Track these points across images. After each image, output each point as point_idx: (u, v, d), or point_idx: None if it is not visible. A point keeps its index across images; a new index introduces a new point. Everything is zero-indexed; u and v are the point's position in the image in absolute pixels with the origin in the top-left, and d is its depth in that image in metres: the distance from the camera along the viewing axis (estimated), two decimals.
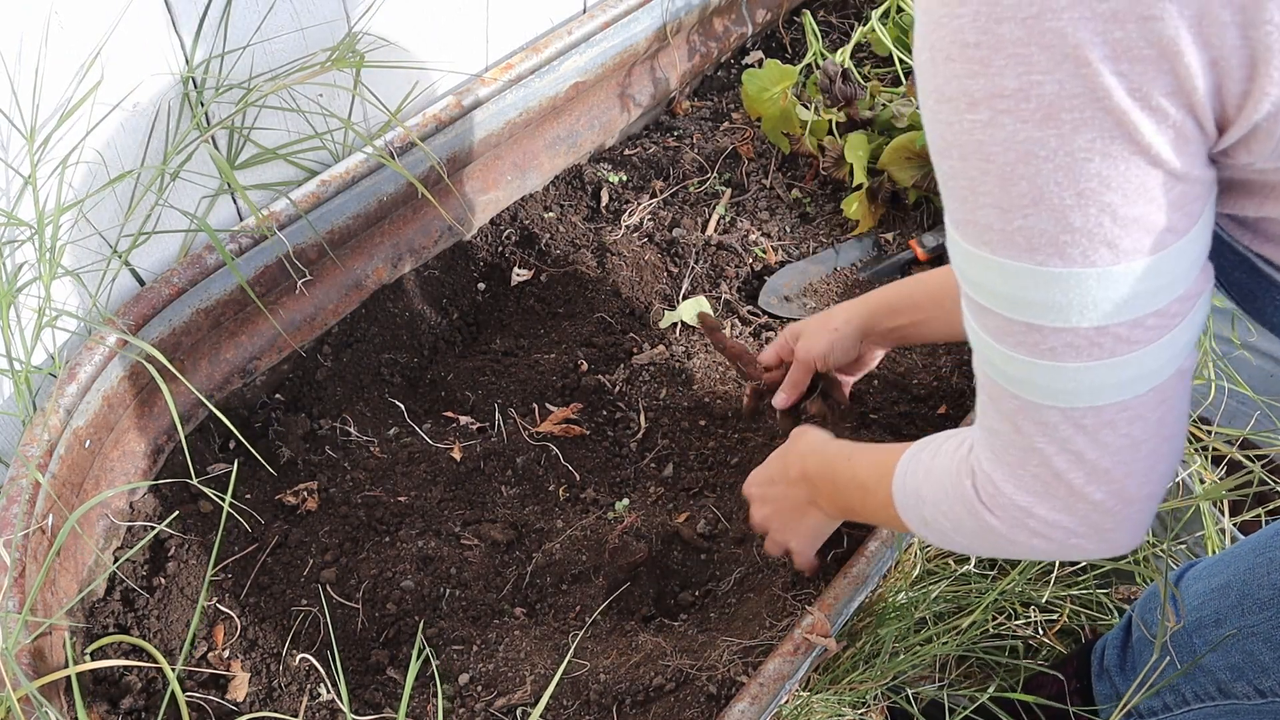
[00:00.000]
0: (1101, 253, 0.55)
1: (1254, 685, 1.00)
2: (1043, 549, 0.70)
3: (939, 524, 0.78)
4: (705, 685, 1.07)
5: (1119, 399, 0.60)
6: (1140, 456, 0.64)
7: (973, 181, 0.56)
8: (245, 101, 1.22)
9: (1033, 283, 0.57)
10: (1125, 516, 0.66)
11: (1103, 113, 0.51)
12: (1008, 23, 0.51)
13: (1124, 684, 1.17)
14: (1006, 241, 0.56)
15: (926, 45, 0.55)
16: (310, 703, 1.10)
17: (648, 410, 1.37)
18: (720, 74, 1.94)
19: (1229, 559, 1.06)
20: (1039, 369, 0.60)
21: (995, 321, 0.61)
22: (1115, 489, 0.64)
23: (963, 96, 0.54)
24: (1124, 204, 0.54)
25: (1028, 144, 0.53)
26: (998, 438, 0.67)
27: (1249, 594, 1.00)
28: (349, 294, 1.45)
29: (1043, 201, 0.54)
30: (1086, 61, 0.50)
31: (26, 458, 1.05)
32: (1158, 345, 0.59)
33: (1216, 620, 1.03)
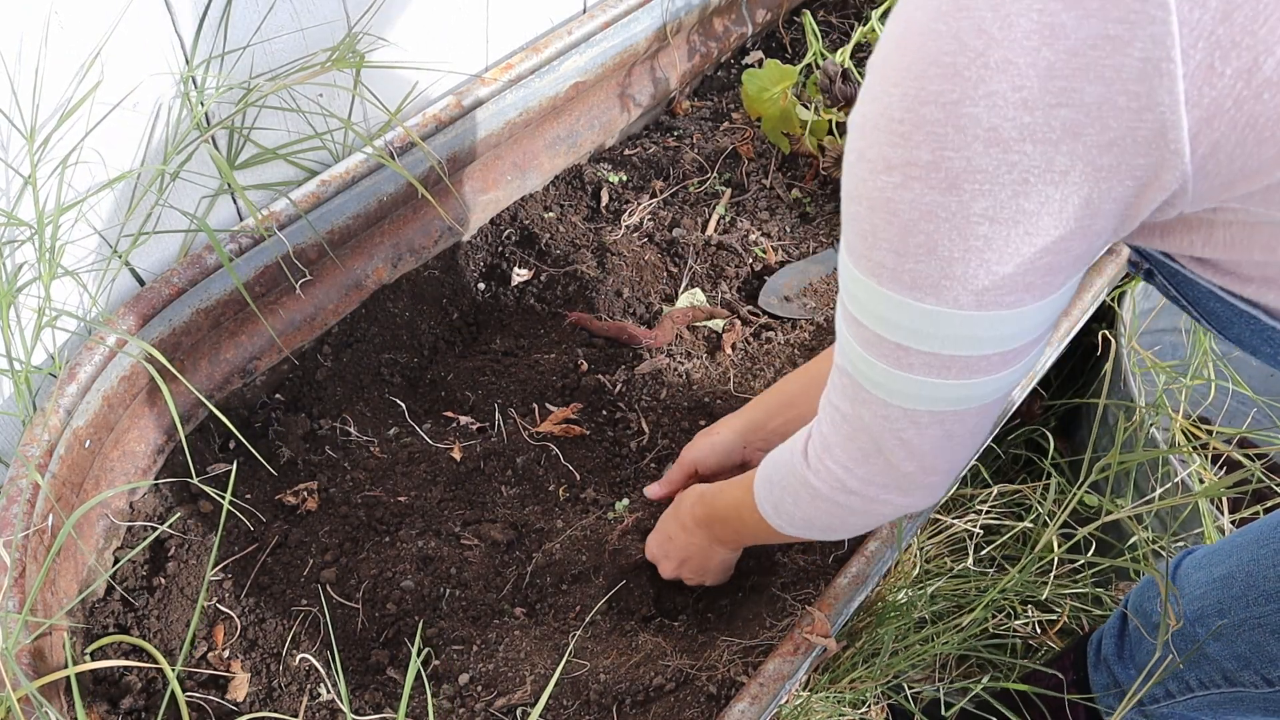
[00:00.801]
0: (967, 299, 0.65)
1: (1261, 675, 1.01)
2: (852, 506, 0.85)
3: (783, 503, 0.93)
4: (705, 685, 1.08)
5: (954, 409, 0.73)
6: (951, 447, 0.78)
7: (875, 228, 0.65)
8: (245, 101, 1.22)
9: (909, 313, 0.67)
10: (926, 484, 0.82)
11: (999, 187, 0.59)
12: (930, 105, 0.58)
13: (1122, 672, 1.18)
14: (894, 278, 0.66)
15: (859, 110, 0.64)
16: (310, 703, 1.10)
17: (648, 410, 1.37)
18: (720, 74, 1.94)
19: (1230, 549, 1.06)
20: (896, 377, 0.72)
21: (868, 335, 0.71)
22: (925, 465, 0.79)
23: (881, 160, 0.62)
24: (998, 263, 0.62)
25: (931, 206, 0.61)
26: (840, 414, 0.80)
27: (1254, 585, 1.01)
28: (349, 294, 1.45)
29: (935, 253, 0.63)
30: (994, 142, 0.57)
31: (26, 458, 1.05)
32: (997, 376, 0.71)
33: (1220, 611, 1.03)
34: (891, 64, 0.61)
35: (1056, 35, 0.54)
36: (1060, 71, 0.55)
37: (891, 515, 0.87)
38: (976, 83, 0.56)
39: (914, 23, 0.59)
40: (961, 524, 1.36)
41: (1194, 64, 0.53)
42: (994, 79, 0.56)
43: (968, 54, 0.56)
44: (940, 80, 0.58)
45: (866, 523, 0.91)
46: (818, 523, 0.92)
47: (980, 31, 0.56)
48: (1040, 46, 0.55)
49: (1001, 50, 0.55)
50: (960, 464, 0.83)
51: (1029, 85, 0.56)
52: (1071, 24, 0.54)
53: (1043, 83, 0.55)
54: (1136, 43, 0.53)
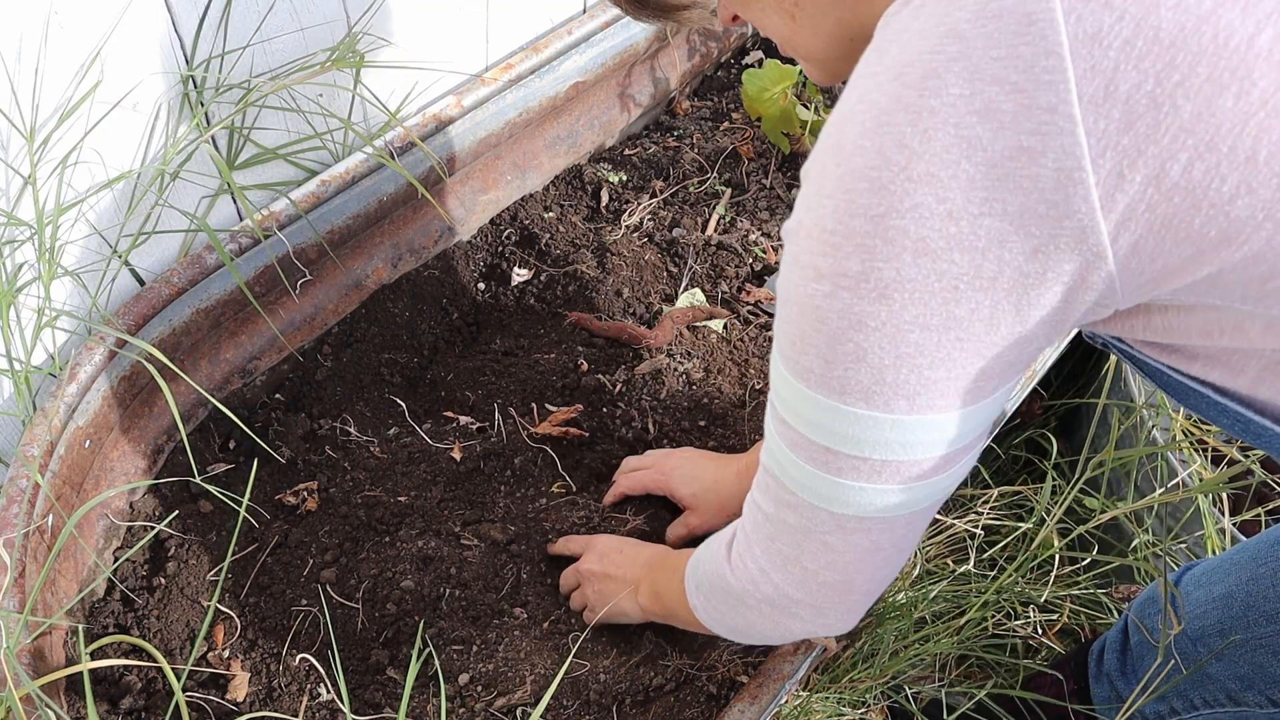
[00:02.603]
0: (900, 404, 0.65)
1: (1266, 695, 1.01)
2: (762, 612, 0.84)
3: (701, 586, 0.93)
4: (705, 685, 1.08)
5: (881, 517, 0.73)
6: (875, 562, 0.77)
7: (805, 333, 0.66)
8: (245, 101, 1.22)
9: (839, 418, 0.67)
10: (843, 603, 0.80)
11: (929, 295, 0.60)
12: (859, 217, 0.60)
13: (1125, 687, 1.17)
14: (823, 383, 0.66)
15: (795, 220, 0.65)
16: (310, 703, 1.10)
17: (648, 410, 1.37)
18: (720, 74, 1.94)
19: (1228, 566, 1.06)
20: (823, 480, 0.71)
21: (796, 437, 0.71)
22: (845, 579, 0.77)
23: (811, 269, 0.63)
24: (929, 368, 0.63)
25: (861, 315, 0.62)
26: (763, 515, 0.79)
27: (1254, 605, 1.01)
28: (349, 294, 1.45)
29: (865, 360, 0.64)
30: (923, 252, 0.59)
31: (26, 458, 1.05)
32: (928, 483, 0.71)
33: (1221, 631, 1.03)
34: (825, 176, 0.62)
35: (974, 148, 0.56)
36: (981, 183, 0.56)
37: (800, 633, 0.85)
38: (902, 196, 0.58)
39: (845, 137, 0.61)
40: (962, 525, 1.36)
41: (1104, 172, 0.55)
42: (918, 192, 0.57)
43: (892, 168, 0.58)
44: (868, 194, 0.59)
45: (774, 634, 0.88)
46: (727, 620, 0.91)
47: (902, 146, 0.57)
48: (960, 159, 0.56)
49: (924, 164, 0.57)
50: (879, 585, 0.81)
51: (952, 197, 0.57)
52: (987, 137, 0.55)
53: (965, 194, 0.57)
54: (1049, 153, 0.55)
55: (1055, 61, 0.53)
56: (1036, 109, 0.54)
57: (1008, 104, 0.55)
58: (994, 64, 0.55)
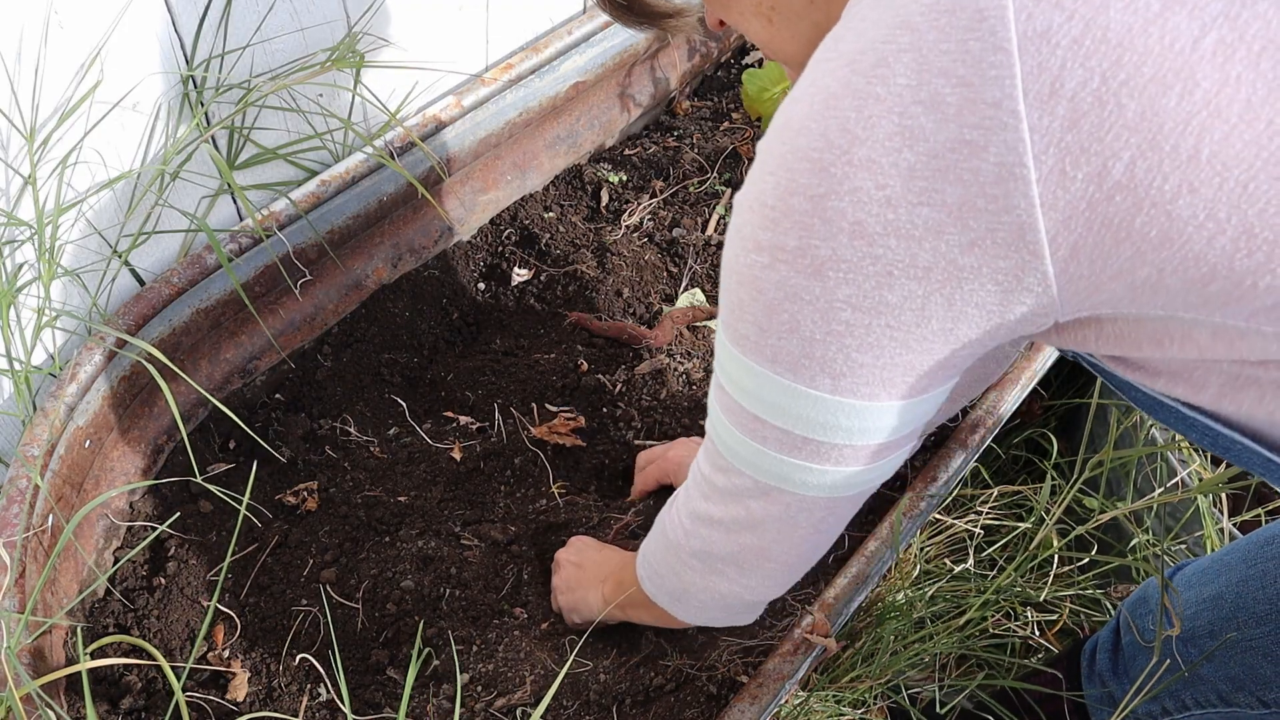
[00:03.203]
0: (824, 381, 0.67)
1: (1257, 696, 1.01)
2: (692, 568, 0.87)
3: (648, 548, 0.96)
4: (705, 685, 1.08)
5: (800, 493, 0.75)
6: (794, 536, 0.79)
7: (742, 302, 0.68)
8: (245, 101, 1.22)
9: (767, 386, 0.69)
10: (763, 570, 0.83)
11: (862, 276, 0.61)
12: (799, 196, 0.61)
13: (1116, 687, 1.17)
14: (757, 350, 0.68)
15: (742, 192, 0.67)
16: (310, 703, 1.10)
17: (648, 410, 1.37)
18: (720, 74, 1.94)
19: (1219, 568, 1.06)
20: (749, 446, 0.74)
21: (729, 403, 0.74)
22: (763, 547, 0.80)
23: (751, 240, 0.65)
24: (856, 350, 0.64)
25: (796, 288, 0.63)
26: (700, 474, 0.83)
27: (1244, 607, 1.01)
28: (349, 294, 1.45)
29: (797, 332, 0.65)
30: (859, 235, 0.60)
31: (27, 458, 1.05)
32: (847, 470, 0.72)
33: (1211, 632, 1.03)
34: (771, 152, 0.63)
35: (916, 138, 0.56)
36: (921, 172, 0.57)
37: (729, 594, 0.88)
38: (841, 179, 0.59)
39: (792, 116, 0.62)
40: (962, 524, 1.36)
41: (1046, 169, 0.54)
42: (858, 176, 0.58)
43: (834, 151, 0.58)
44: (808, 174, 0.60)
45: (706, 597, 0.90)
46: (666, 582, 0.94)
47: (845, 130, 0.58)
48: (901, 148, 0.57)
49: (865, 149, 0.57)
50: (800, 560, 0.83)
51: (892, 184, 0.58)
52: (930, 128, 0.56)
53: (905, 182, 0.57)
54: (991, 148, 0.55)
55: (1003, 57, 0.54)
56: (981, 103, 0.55)
57: (953, 97, 0.55)
58: (942, 56, 0.55)
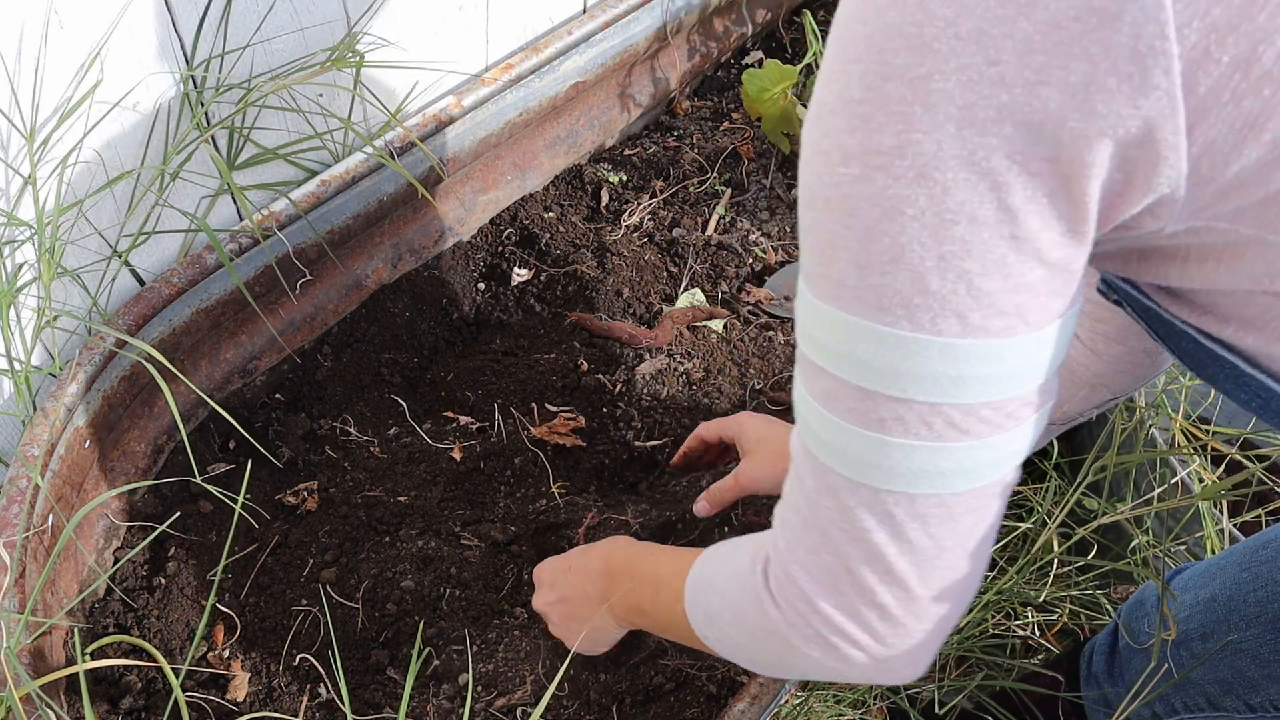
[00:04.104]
0: (950, 322, 0.54)
1: (1243, 700, 1.00)
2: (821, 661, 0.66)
3: (721, 618, 0.74)
4: (705, 685, 1.08)
5: (935, 490, 0.59)
6: (941, 567, 0.61)
7: (832, 235, 0.55)
8: (245, 101, 1.22)
9: (876, 344, 0.56)
10: (909, 634, 0.63)
11: (978, 176, 0.51)
12: (894, 81, 0.51)
13: (1112, 690, 1.17)
14: (858, 299, 0.55)
15: (815, 98, 0.56)
16: (310, 703, 1.10)
17: (648, 410, 1.37)
18: (720, 74, 1.94)
19: (1214, 571, 1.06)
20: (863, 440, 0.58)
21: (828, 384, 0.59)
22: (906, 598, 0.62)
23: (837, 149, 0.54)
24: (981, 274, 0.53)
25: (896, 201, 0.52)
26: (797, 517, 0.64)
27: (1235, 609, 1.00)
28: (349, 294, 1.45)
29: (902, 261, 0.53)
30: (969, 123, 0.50)
31: (27, 458, 1.05)
32: (987, 442, 0.58)
33: (1203, 635, 1.03)
34: (851, 38, 0.53)
35: (1034, 5, 0.48)
36: (1040, 46, 0.48)
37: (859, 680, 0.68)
38: (947, 55, 0.49)
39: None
40: None
41: (1189, 45, 0.47)
42: (966, 51, 0.49)
43: (936, 24, 0.49)
44: (905, 53, 0.50)
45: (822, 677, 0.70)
46: (759, 658, 0.74)
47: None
48: (1017, 16, 0.48)
49: (973, 19, 0.49)
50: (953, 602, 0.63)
51: (1005, 60, 0.49)
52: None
53: (1020, 57, 0.49)
54: (1126, 16, 0.47)
55: None
56: None
57: None
58: None
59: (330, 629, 1.13)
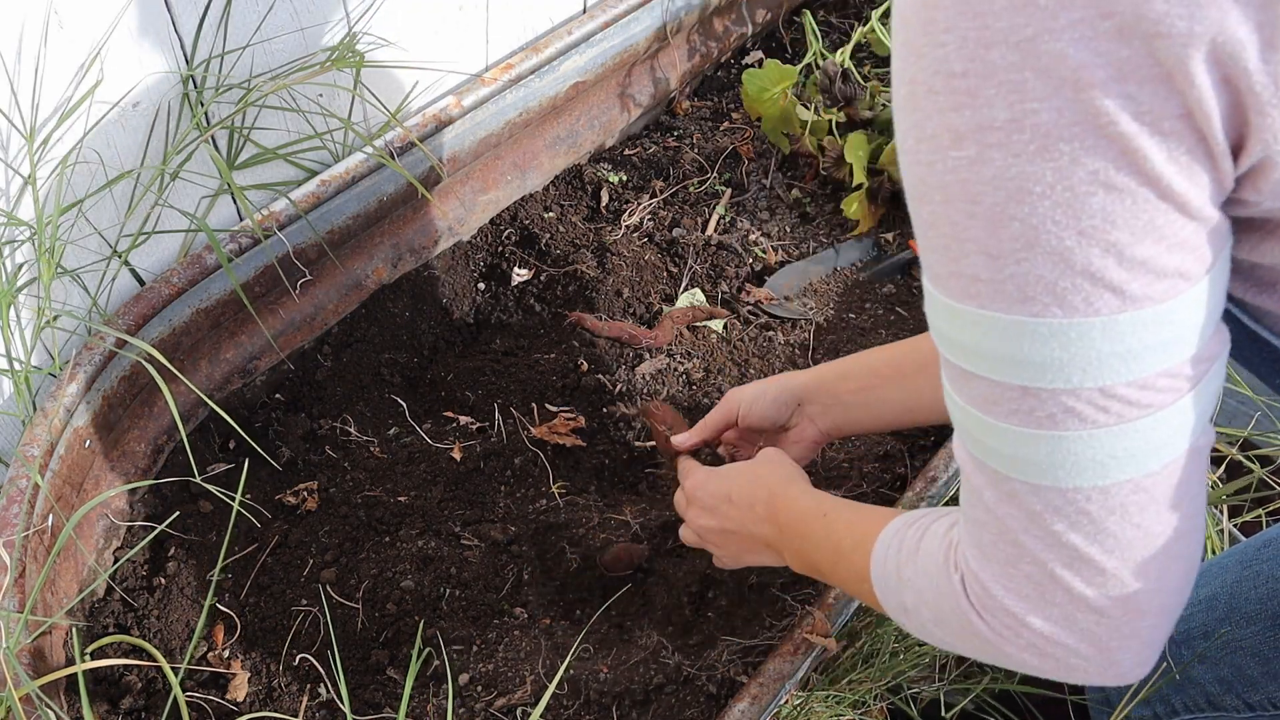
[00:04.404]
0: (1107, 299, 0.50)
1: (1242, 699, 1.00)
2: (1040, 667, 0.61)
3: (920, 614, 0.70)
4: (705, 685, 1.08)
5: (1128, 476, 0.54)
6: (1152, 554, 0.56)
7: (956, 227, 0.51)
8: (245, 101, 1.22)
9: (1029, 338, 0.51)
10: (1133, 632, 0.58)
11: (1106, 140, 0.47)
12: (999, 47, 0.46)
13: (1112, 689, 1.18)
14: (997, 292, 0.51)
15: (905, 79, 0.51)
16: (310, 703, 1.10)
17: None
18: (720, 74, 1.94)
19: (1216, 570, 1.06)
20: (1035, 440, 0.54)
21: (983, 389, 0.55)
22: (1121, 594, 0.56)
23: (946, 132, 0.49)
24: (1132, 242, 0.49)
25: (1021, 179, 0.48)
26: (984, 531, 0.59)
27: (1236, 608, 1.00)
28: (349, 294, 1.45)
29: (1038, 244, 0.49)
30: (1089, 84, 0.46)
31: (27, 458, 1.05)
32: (1168, 411, 0.53)
33: (1204, 633, 1.03)
34: (935, 4, 0.48)
35: None
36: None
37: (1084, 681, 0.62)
38: (1055, 11, 0.45)
39: None
40: None
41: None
42: (1076, 4, 0.45)
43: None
44: (1009, 13, 0.46)
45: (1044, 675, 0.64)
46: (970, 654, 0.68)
47: None
48: None
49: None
50: (1174, 586, 0.58)
51: (1121, 9, 0.44)
52: None
53: (1137, 6, 0.44)
54: None
55: None
56: None
57: None
58: None
59: (330, 629, 1.13)
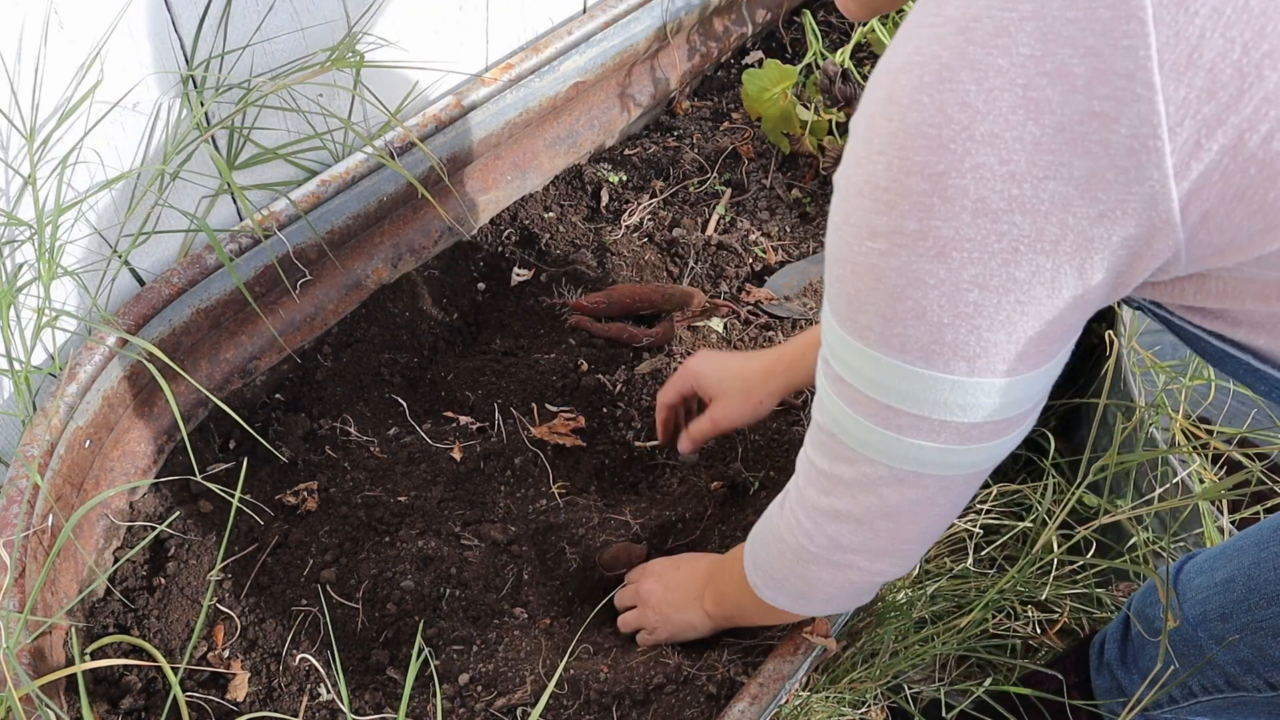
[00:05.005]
0: (960, 365, 0.65)
1: (1264, 679, 1.01)
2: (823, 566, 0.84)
3: (759, 555, 0.93)
4: (705, 685, 1.08)
5: (939, 474, 0.73)
6: (930, 514, 0.78)
7: (860, 292, 0.65)
8: (245, 101, 1.22)
9: (899, 376, 0.67)
10: (897, 550, 0.81)
11: (988, 255, 0.59)
12: (916, 175, 0.58)
13: (1125, 677, 1.17)
14: (883, 341, 0.66)
15: (844, 175, 0.63)
16: (310, 703, 1.10)
17: (648, 410, 1.37)
18: (720, 74, 1.94)
19: (1231, 552, 1.06)
20: (882, 435, 0.71)
21: (854, 395, 0.71)
22: (899, 528, 0.78)
23: (866, 226, 0.62)
24: (989, 330, 0.62)
25: (919, 273, 0.61)
26: (816, 470, 0.79)
27: (1255, 588, 1.01)
28: (349, 294, 1.45)
29: (924, 318, 0.63)
30: (982, 213, 0.57)
31: (26, 458, 1.05)
32: (988, 445, 0.71)
33: (1222, 615, 1.03)
34: (876, 130, 0.60)
35: (1042, 110, 0.55)
36: (1047, 146, 0.55)
37: (860, 581, 0.86)
38: (963, 155, 0.57)
39: (898, 91, 0.59)
40: (961, 524, 1.36)
41: (1181, 140, 0.53)
42: (980, 152, 0.56)
43: (953, 126, 0.56)
44: (926, 151, 0.58)
45: (834, 589, 0.88)
46: (788, 585, 0.91)
47: (965, 105, 0.56)
48: (1026, 121, 0.55)
49: (987, 124, 0.56)
50: (934, 534, 0.82)
51: (1016, 159, 0.56)
52: (1057, 100, 0.54)
53: (1030, 156, 0.56)
54: (1123, 120, 0.53)
55: (1136, 26, 0.52)
56: (1112, 74, 0.53)
57: (1081, 67, 0.53)
58: (1069, 25, 0.53)
59: (330, 629, 1.13)
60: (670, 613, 1.11)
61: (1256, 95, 0.52)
